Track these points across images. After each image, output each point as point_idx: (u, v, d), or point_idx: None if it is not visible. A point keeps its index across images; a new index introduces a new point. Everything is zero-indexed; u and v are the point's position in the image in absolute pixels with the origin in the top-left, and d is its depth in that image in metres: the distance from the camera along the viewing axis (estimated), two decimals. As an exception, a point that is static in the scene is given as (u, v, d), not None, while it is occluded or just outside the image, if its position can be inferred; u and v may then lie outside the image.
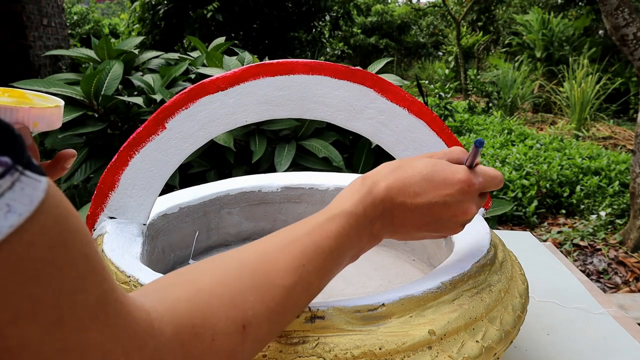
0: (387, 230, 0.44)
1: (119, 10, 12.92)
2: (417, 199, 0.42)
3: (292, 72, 0.58)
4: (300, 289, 0.35)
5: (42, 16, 4.66)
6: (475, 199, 0.44)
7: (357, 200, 0.41)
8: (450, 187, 0.43)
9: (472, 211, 0.44)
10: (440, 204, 0.43)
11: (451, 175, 0.43)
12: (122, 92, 1.73)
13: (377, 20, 10.30)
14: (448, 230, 0.46)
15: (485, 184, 0.44)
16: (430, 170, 0.43)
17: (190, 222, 0.77)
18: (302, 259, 0.36)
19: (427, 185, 0.42)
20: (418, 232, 0.45)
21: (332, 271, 0.39)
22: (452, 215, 0.44)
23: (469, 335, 0.46)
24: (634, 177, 2.44)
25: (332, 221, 0.39)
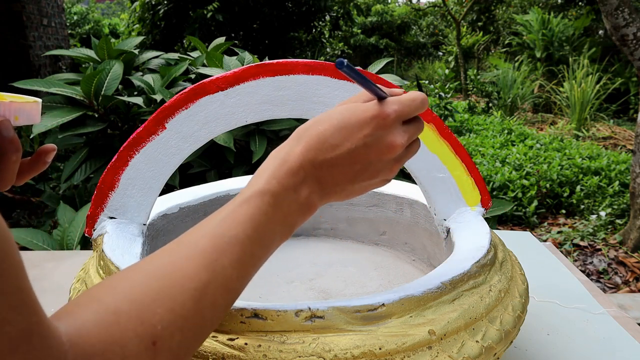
0: (318, 194, 0.41)
1: (119, 10, 12.92)
2: (336, 151, 0.40)
3: (292, 72, 0.58)
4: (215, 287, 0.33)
5: (42, 16, 4.66)
6: (397, 130, 0.41)
7: (270, 175, 0.38)
8: (365, 126, 0.40)
9: (397, 143, 0.41)
10: (362, 147, 0.40)
11: (362, 115, 0.40)
12: (122, 92, 1.73)
13: (377, 20, 10.30)
14: (384, 171, 0.42)
15: (403, 109, 0.41)
16: (340, 118, 0.40)
17: (190, 222, 0.77)
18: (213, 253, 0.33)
19: (342, 134, 0.40)
20: (354, 184, 0.42)
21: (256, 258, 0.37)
22: (379, 154, 0.41)
23: (469, 335, 0.46)
24: (634, 177, 2.44)
25: (244, 205, 0.37)
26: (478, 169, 0.64)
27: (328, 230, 0.87)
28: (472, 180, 0.63)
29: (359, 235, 0.86)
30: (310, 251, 0.82)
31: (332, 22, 7.18)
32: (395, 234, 0.82)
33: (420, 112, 0.42)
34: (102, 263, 0.54)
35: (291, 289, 0.71)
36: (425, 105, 0.43)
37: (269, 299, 0.68)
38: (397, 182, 0.84)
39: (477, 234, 0.59)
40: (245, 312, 0.43)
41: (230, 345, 0.42)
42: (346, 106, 0.41)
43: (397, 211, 0.81)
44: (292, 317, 0.42)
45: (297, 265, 0.77)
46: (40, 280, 0.89)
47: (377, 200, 0.83)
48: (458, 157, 0.62)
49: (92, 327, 0.27)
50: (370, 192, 0.83)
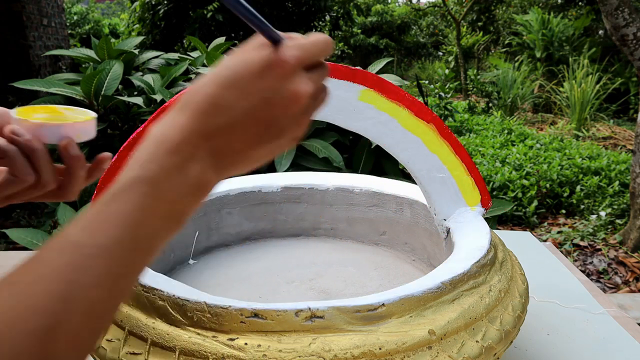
0: (213, 169, 0.33)
1: (119, 10, 12.91)
2: (230, 113, 0.32)
3: (292, 72, 0.58)
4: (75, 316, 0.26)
5: (42, 16, 4.66)
6: (300, 78, 0.34)
7: (146, 158, 0.31)
8: (260, 79, 0.33)
9: (302, 93, 0.34)
10: (261, 104, 0.33)
11: (256, 66, 0.33)
12: (122, 92, 1.73)
13: (377, 20, 10.29)
14: (291, 127, 0.35)
15: (304, 54, 0.34)
16: (229, 74, 0.33)
17: (190, 222, 0.77)
18: (71, 272, 0.26)
19: (234, 92, 0.32)
20: (257, 149, 0.35)
21: (133, 265, 0.30)
22: (283, 108, 0.34)
23: (469, 335, 0.46)
24: (634, 177, 2.44)
25: (112, 203, 0.29)
26: (478, 169, 0.64)
27: (328, 230, 0.87)
28: (472, 180, 0.63)
29: (359, 235, 0.86)
30: (310, 251, 0.82)
31: (332, 22, 7.18)
32: (395, 234, 0.82)
33: (324, 55, 0.35)
34: (102, 263, 0.54)
35: (291, 289, 0.71)
36: (330, 46, 0.35)
37: (269, 299, 0.68)
38: (397, 182, 0.84)
39: (477, 234, 0.59)
40: (245, 312, 0.43)
41: (230, 345, 0.42)
42: (234, 59, 0.34)
43: (397, 211, 0.81)
44: (292, 317, 0.42)
45: (297, 265, 0.77)
46: (40, 280, 0.89)
47: (377, 200, 0.83)
48: (458, 157, 0.62)
49: None
50: (370, 192, 0.83)
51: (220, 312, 0.43)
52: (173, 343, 0.43)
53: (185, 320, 0.44)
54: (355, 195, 0.84)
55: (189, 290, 0.47)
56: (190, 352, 0.42)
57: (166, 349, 0.44)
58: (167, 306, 0.45)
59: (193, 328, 0.44)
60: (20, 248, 2.05)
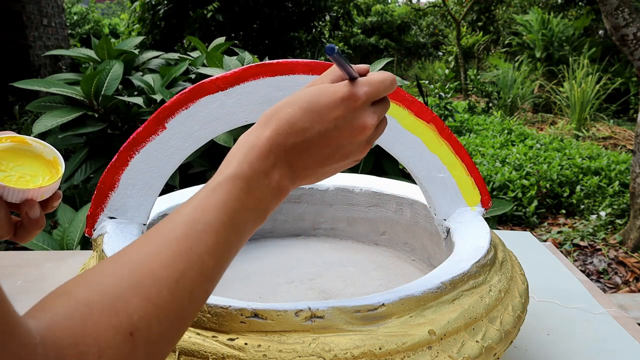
0: (288, 178, 0.40)
1: (119, 10, 12.91)
2: (307, 134, 0.39)
3: (292, 72, 0.58)
4: (192, 275, 0.32)
5: (42, 16, 4.65)
6: (367, 111, 0.40)
7: (241, 159, 0.37)
8: (335, 109, 0.39)
9: (368, 124, 0.40)
10: (332, 130, 0.39)
11: (333, 97, 0.39)
12: (122, 92, 1.73)
13: (377, 20, 10.29)
14: (355, 153, 0.42)
15: (374, 91, 0.40)
16: (309, 100, 0.39)
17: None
18: (187, 241, 0.33)
19: (311, 116, 0.39)
20: (324, 167, 0.41)
21: (231, 244, 0.36)
22: (350, 136, 0.40)
23: (469, 335, 0.46)
24: (634, 177, 2.44)
25: (216, 191, 0.36)
26: (478, 169, 0.64)
27: (328, 230, 0.87)
28: (472, 180, 0.63)
29: (359, 235, 0.86)
30: (310, 251, 0.82)
31: (332, 22, 7.18)
32: (395, 234, 0.82)
33: (390, 91, 0.42)
34: (102, 263, 0.54)
35: (291, 289, 0.71)
36: (394, 85, 0.42)
37: (269, 299, 0.68)
38: (397, 182, 0.84)
39: (477, 234, 0.59)
40: (245, 312, 0.43)
41: (230, 345, 0.42)
42: (315, 88, 0.40)
43: (397, 211, 0.81)
44: (292, 317, 0.42)
45: (297, 265, 0.77)
46: (40, 280, 0.89)
47: (377, 200, 0.83)
48: (458, 157, 0.62)
49: (63, 321, 0.26)
50: (370, 192, 0.83)
51: (220, 312, 0.43)
52: (173, 343, 0.43)
53: (185, 320, 0.44)
54: (355, 195, 0.84)
55: (189, 290, 0.47)
56: (190, 352, 0.42)
57: (166, 349, 0.43)
58: (167, 306, 0.45)
59: (193, 328, 0.44)
60: (20, 248, 2.05)
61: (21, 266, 0.96)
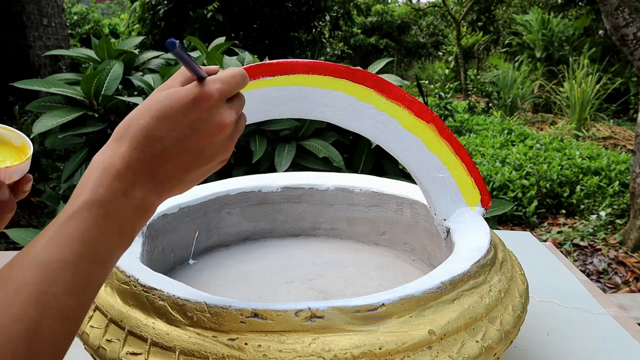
0: (154, 192, 0.38)
1: (119, 10, 12.91)
2: (164, 143, 0.37)
3: (292, 72, 0.58)
4: (50, 322, 0.29)
5: (42, 16, 4.65)
6: (223, 109, 0.39)
7: (96, 183, 0.35)
8: (189, 112, 0.38)
9: (226, 122, 0.39)
10: (190, 134, 0.38)
11: (185, 100, 0.38)
12: (122, 92, 1.73)
13: (377, 20, 10.29)
14: (220, 153, 0.41)
15: (226, 87, 0.39)
16: (161, 107, 0.37)
17: (190, 222, 0.77)
18: (41, 285, 0.30)
19: (166, 124, 0.37)
20: (190, 173, 0.40)
21: (95, 275, 0.33)
22: (210, 137, 0.39)
23: (469, 335, 0.46)
24: (634, 177, 2.44)
25: (70, 222, 0.33)
26: (478, 169, 0.64)
27: (328, 230, 0.87)
28: (472, 180, 0.63)
29: (359, 235, 0.86)
30: (310, 251, 0.82)
31: (332, 22, 7.17)
32: (395, 234, 0.82)
33: (242, 86, 0.41)
34: (102, 263, 0.54)
35: (291, 289, 0.71)
36: (246, 79, 0.41)
37: (269, 299, 0.68)
38: (397, 182, 0.84)
39: (477, 234, 0.59)
40: (245, 312, 0.43)
41: (230, 345, 0.42)
42: (165, 93, 0.38)
43: (397, 211, 0.81)
44: (292, 317, 0.42)
45: (297, 265, 0.77)
46: (40, 280, 0.89)
47: (377, 200, 0.83)
48: (458, 157, 0.62)
49: None
50: (370, 192, 0.83)
51: (220, 312, 0.43)
52: (173, 343, 0.43)
53: (185, 320, 0.44)
54: (355, 195, 0.84)
55: (189, 290, 0.47)
56: (190, 352, 0.42)
57: (166, 349, 0.44)
58: (167, 306, 0.45)
59: (193, 328, 0.44)
60: (20, 248, 2.05)
61: (21, 266, 0.96)
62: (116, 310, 0.48)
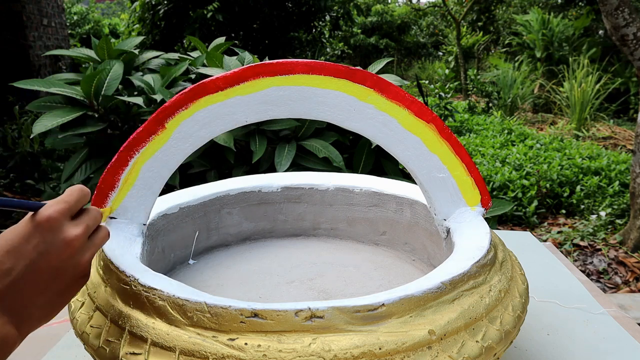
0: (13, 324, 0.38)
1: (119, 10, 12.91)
2: (13, 274, 0.38)
3: (292, 72, 0.58)
4: None
5: (42, 16, 4.65)
6: (66, 226, 0.40)
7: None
8: (31, 237, 0.38)
9: (71, 237, 0.40)
10: (37, 258, 0.38)
11: (24, 229, 0.39)
12: (122, 92, 1.73)
13: (377, 20, 10.28)
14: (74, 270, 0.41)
15: (63, 206, 0.40)
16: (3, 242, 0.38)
17: (190, 222, 0.77)
18: None
19: (10, 255, 0.38)
20: (45, 297, 0.40)
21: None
22: (58, 256, 0.39)
23: (469, 335, 0.46)
24: (634, 177, 2.44)
25: None
26: (478, 169, 0.64)
27: (328, 230, 0.87)
28: (472, 180, 0.63)
29: (359, 235, 0.86)
30: (310, 251, 0.82)
31: (332, 22, 7.17)
32: (395, 234, 0.82)
33: (83, 202, 0.42)
34: (102, 263, 0.54)
35: (291, 289, 0.71)
36: (84, 193, 0.42)
37: (269, 299, 0.68)
38: (397, 182, 0.84)
39: (477, 234, 0.59)
40: (245, 312, 0.43)
41: (230, 345, 0.42)
42: (7, 231, 0.40)
43: (397, 211, 0.81)
44: (292, 317, 0.42)
45: (297, 265, 0.77)
46: (40, 280, 0.89)
47: (377, 200, 0.83)
48: (458, 157, 0.62)
49: None
50: (370, 192, 0.83)
51: (220, 312, 0.43)
52: (173, 343, 0.43)
53: (185, 320, 0.44)
54: (355, 195, 0.84)
55: (189, 290, 0.47)
56: (190, 352, 0.42)
57: (166, 349, 0.44)
58: (167, 306, 0.45)
59: (193, 328, 0.44)
60: (20, 248, 2.05)
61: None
62: (116, 310, 0.48)
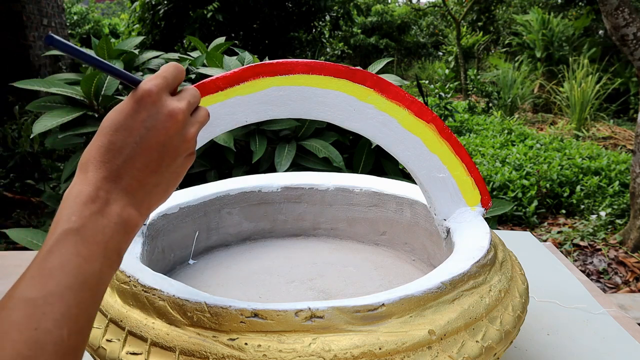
0: (132, 205, 0.38)
1: (119, 10, 12.90)
2: (125, 152, 0.38)
3: (292, 72, 0.58)
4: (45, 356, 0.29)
5: (42, 16, 4.65)
6: (168, 100, 0.40)
7: (68, 212, 0.35)
8: (136, 113, 0.38)
9: (176, 110, 0.39)
10: (145, 133, 0.38)
11: (128, 105, 0.38)
12: (122, 92, 1.73)
13: (377, 20, 10.28)
14: (182, 145, 0.41)
15: (162, 81, 0.40)
16: (110, 123, 0.38)
17: (190, 222, 0.77)
18: (31, 322, 0.29)
19: (119, 134, 0.38)
20: (162, 174, 0.40)
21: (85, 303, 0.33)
22: (165, 130, 0.39)
23: (469, 335, 0.46)
24: (634, 177, 2.44)
25: (50, 256, 0.33)
26: (478, 169, 0.64)
27: (328, 230, 0.87)
28: (472, 180, 0.63)
29: (359, 235, 0.86)
30: (310, 251, 0.82)
31: (332, 22, 7.17)
32: (395, 234, 0.82)
33: (180, 78, 0.42)
34: (102, 263, 0.54)
35: (291, 289, 0.71)
36: (180, 69, 0.42)
37: (269, 299, 0.68)
38: (397, 182, 0.84)
39: (477, 234, 0.59)
40: (245, 312, 0.43)
41: (230, 345, 0.42)
42: (110, 112, 0.39)
43: (397, 211, 0.81)
44: (292, 317, 0.42)
45: (297, 265, 0.77)
46: (40, 280, 0.89)
47: (377, 200, 0.83)
48: (458, 157, 0.62)
49: None
50: (370, 192, 0.83)
51: (220, 312, 0.43)
52: (173, 343, 0.43)
53: (185, 320, 0.44)
54: (355, 195, 0.84)
55: (189, 290, 0.47)
56: (190, 352, 0.42)
57: (166, 349, 0.44)
58: (167, 306, 0.45)
59: (193, 328, 0.44)
60: (20, 248, 2.05)
61: (21, 266, 0.96)
62: (116, 310, 0.48)
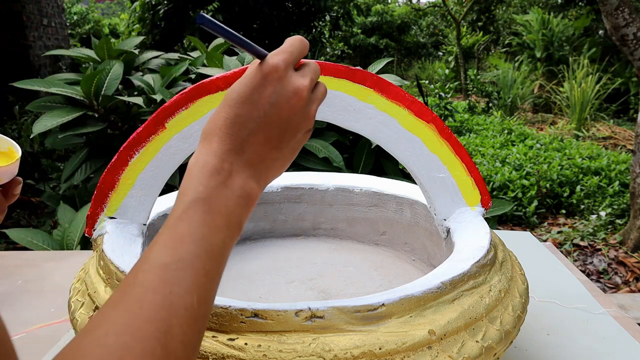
0: (253, 178, 0.39)
1: (119, 10, 12.90)
2: (249, 126, 0.38)
3: (292, 72, 0.58)
4: (179, 321, 0.30)
5: (42, 16, 4.65)
6: (293, 76, 0.40)
7: (195, 182, 0.36)
8: (262, 88, 0.38)
9: (300, 87, 0.39)
10: (270, 109, 0.38)
11: (254, 79, 0.39)
12: (122, 92, 1.73)
13: (377, 20, 10.29)
14: (303, 121, 0.41)
15: (287, 56, 0.40)
16: (236, 95, 0.39)
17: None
18: (165, 287, 0.31)
19: (245, 108, 0.38)
20: (282, 150, 0.40)
21: (211, 272, 0.34)
22: (289, 106, 0.39)
23: (469, 335, 0.46)
24: (634, 177, 2.44)
25: (179, 224, 0.34)
26: (478, 169, 0.64)
27: (328, 230, 0.87)
28: (472, 180, 0.63)
29: (359, 235, 0.86)
30: (310, 251, 0.82)
31: (332, 22, 7.17)
32: (395, 234, 0.82)
33: (304, 53, 0.41)
34: (102, 263, 0.54)
35: (291, 289, 0.71)
36: (305, 46, 0.41)
37: (269, 299, 0.68)
38: (397, 182, 0.84)
39: (477, 234, 0.58)
40: (245, 312, 0.43)
41: (230, 345, 0.42)
42: (235, 82, 0.39)
43: (397, 211, 0.81)
44: (292, 317, 0.42)
45: (297, 265, 0.77)
46: (40, 280, 0.89)
47: (377, 200, 0.83)
48: (458, 157, 0.62)
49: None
50: (370, 192, 0.83)
51: (220, 312, 0.43)
52: (173, 343, 0.43)
53: (185, 320, 0.44)
54: (355, 195, 0.84)
55: (189, 290, 0.47)
56: (190, 352, 0.42)
57: (166, 349, 0.43)
58: (167, 306, 0.45)
59: (193, 328, 0.44)
60: (20, 248, 2.05)
61: (21, 266, 0.96)
62: (116, 310, 0.48)
